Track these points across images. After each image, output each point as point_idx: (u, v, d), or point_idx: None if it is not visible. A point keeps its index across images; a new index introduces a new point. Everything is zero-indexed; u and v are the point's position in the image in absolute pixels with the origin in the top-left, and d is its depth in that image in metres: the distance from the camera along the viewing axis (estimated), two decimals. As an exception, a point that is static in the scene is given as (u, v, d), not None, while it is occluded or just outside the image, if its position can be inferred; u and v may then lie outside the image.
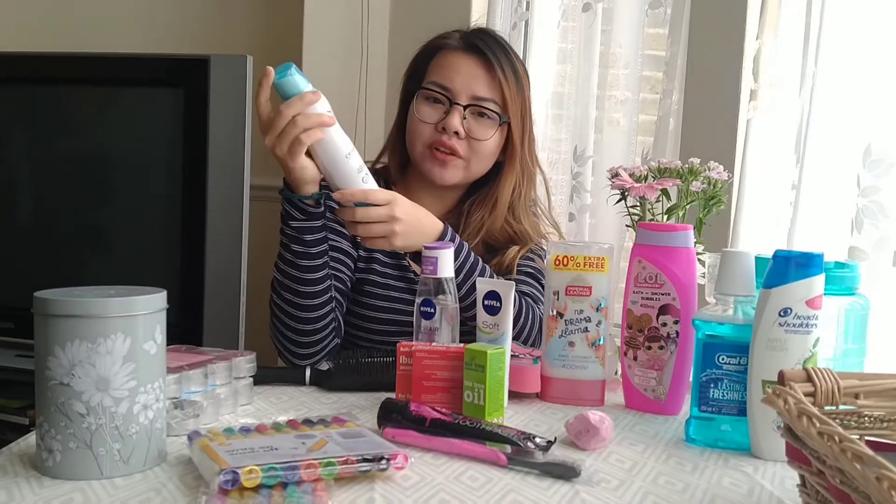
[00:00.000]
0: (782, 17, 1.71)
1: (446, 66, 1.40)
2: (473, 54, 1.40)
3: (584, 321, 1.11)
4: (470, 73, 1.39)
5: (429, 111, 1.39)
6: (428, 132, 1.39)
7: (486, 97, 1.39)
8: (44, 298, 0.78)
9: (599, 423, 0.92)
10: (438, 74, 1.40)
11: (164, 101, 1.86)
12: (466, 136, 1.38)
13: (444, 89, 1.39)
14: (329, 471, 0.77)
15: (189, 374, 0.96)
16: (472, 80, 1.39)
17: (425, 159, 1.40)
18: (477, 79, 1.39)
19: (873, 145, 1.51)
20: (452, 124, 1.37)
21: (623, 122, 1.92)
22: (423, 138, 1.39)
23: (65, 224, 1.97)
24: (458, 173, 1.40)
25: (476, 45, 1.41)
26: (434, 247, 1.09)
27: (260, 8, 2.45)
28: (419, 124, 1.39)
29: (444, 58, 1.42)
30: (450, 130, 1.37)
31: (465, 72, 1.39)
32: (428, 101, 1.40)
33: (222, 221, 1.83)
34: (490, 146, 1.41)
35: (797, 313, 0.89)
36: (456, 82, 1.38)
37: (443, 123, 1.38)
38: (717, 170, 1.28)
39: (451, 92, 1.38)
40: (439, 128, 1.38)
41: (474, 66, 1.40)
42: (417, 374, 1.02)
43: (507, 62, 1.41)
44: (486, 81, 1.39)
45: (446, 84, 1.39)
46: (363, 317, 1.41)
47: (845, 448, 0.56)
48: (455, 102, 1.38)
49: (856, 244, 1.52)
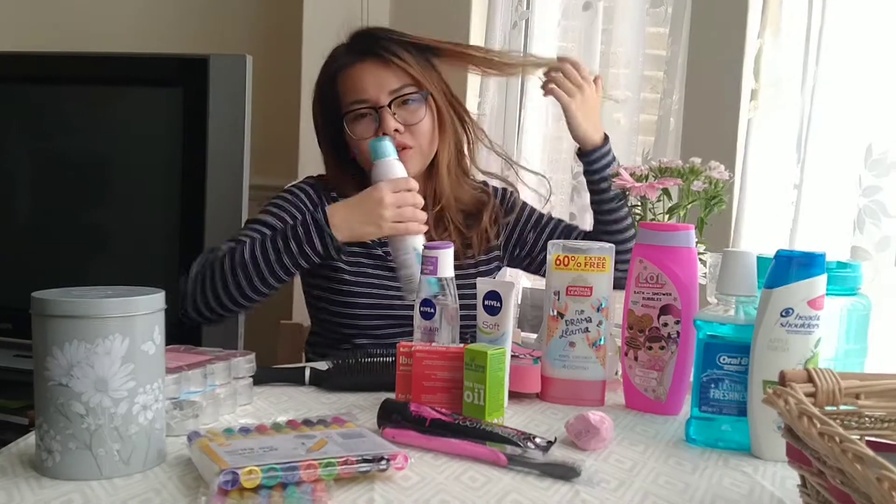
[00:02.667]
0: (783, 16, 1.71)
1: (351, 82, 1.44)
2: (366, 58, 1.44)
3: (584, 321, 1.11)
4: (374, 75, 1.43)
5: (363, 128, 1.43)
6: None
7: (400, 86, 1.43)
8: (42, 299, 0.78)
9: (599, 424, 0.91)
10: (351, 93, 1.44)
11: (163, 100, 1.86)
12: (405, 127, 1.42)
13: (363, 102, 1.43)
14: (329, 471, 0.76)
15: (188, 374, 0.96)
16: (380, 80, 1.43)
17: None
18: (383, 76, 1.43)
19: (874, 145, 1.51)
20: (388, 126, 1.41)
21: (623, 121, 1.92)
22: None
23: (64, 224, 1.97)
24: (417, 161, 1.45)
25: (363, 50, 1.45)
26: (434, 247, 1.09)
27: (260, 8, 2.45)
28: (361, 143, 1.43)
29: (345, 77, 1.45)
30: (390, 131, 1.41)
31: (371, 78, 1.43)
32: (357, 120, 1.44)
33: (222, 221, 1.83)
34: (426, 125, 1.45)
35: (799, 313, 0.89)
36: (369, 91, 1.42)
37: (381, 129, 1.42)
38: (718, 169, 1.28)
39: (370, 100, 1.42)
40: (380, 135, 1.41)
41: (374, 68, 1.43)
42: (417, 374, 1.02)
43: (397, 46, 1.45)
44: (391, 74, 1.43)
45: (362, 97, 1.43)
46: (347, 315, 1.43)
47: (846, 448, 0.56)
48: (379, 107, 1.42)
49: (857, 244, 1.52)
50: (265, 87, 2.17)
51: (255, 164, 1.92)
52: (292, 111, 2.25)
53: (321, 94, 1.50)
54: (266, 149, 2.25)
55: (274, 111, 2.34)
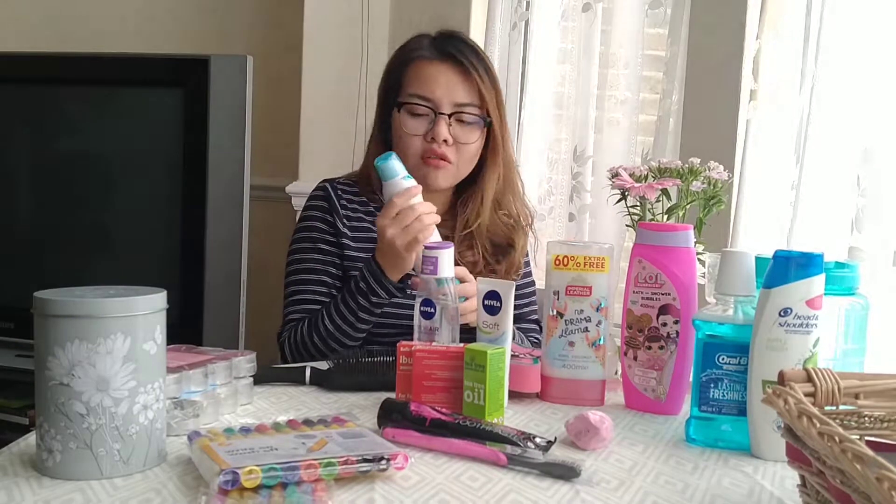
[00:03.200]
0: (782, 17, 1.71)
1: (424, 77, 1.42)
2: (448, 61, 1.42)
3: (584, 321, 1.11)
4: (448, 81, 1.41)
5: (415, 124, 1.41)
6: (418, 143, 1.41)
7: (467, 102, 1.41)
8: (44, 298, 0.78)
9: (599, 423, 0.92)
10: (418, 86, 1.42)
11: (164, 101, 1.86)
12: (454, 142, 1.41)
13: (426, 100, 1.41)
14: (329, 471, 0.77)
15: (189, 373, 0.96)
16: (451, 88, 1.41)
17: (419, 167, 1.41)
18: (456, 86, 1.41)
19: (873, 145, 1.51)
20: (441, 133, 1.39)
21: (623, 122, 1.92)
22: (414, 149, 1.41)
23: (65, 224, 1.97)
24: (449, 177, 1.43)
25: (449, 52, 1.43)
26: (434, 247, 1.09)
27: (260, 8, 2.45)
28: (408, 137, 1.41)
29: (420, 69, 1.43)
30: (439, 139, 1.39)
31: (443, 81, 1.41)
32: (412, 114, 1.42)
33: (222, 221, 1.84)
34: (474, 148, 1.44)
35: (797, 313, 0.89)
36: (437, 93, 1.40)
37: (431, 133, 1.40)
38: (717, 170, 1.28)
39: (434, 102, 1.40)
40: (428, 138, 1.40)
41: (451, 74, 1.42)
42: (417, 373, 1.02)
43: (480, 63, 1.44)
44: (464, 87, 1.42)
45: (428, 95, 1.41)
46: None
47: (845, 448, 0.56)
48: (439, 112, 1.40)
49: (855, 244, 1.52)
50: (265, 87, 2.17)
51: (255, 164, 1.92)
52: (292, 111, 2.25)
53: (388, 78, 1.48)
54: (266, 149, 2.25)
55: (274, 111, 2.34)
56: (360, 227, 1.47)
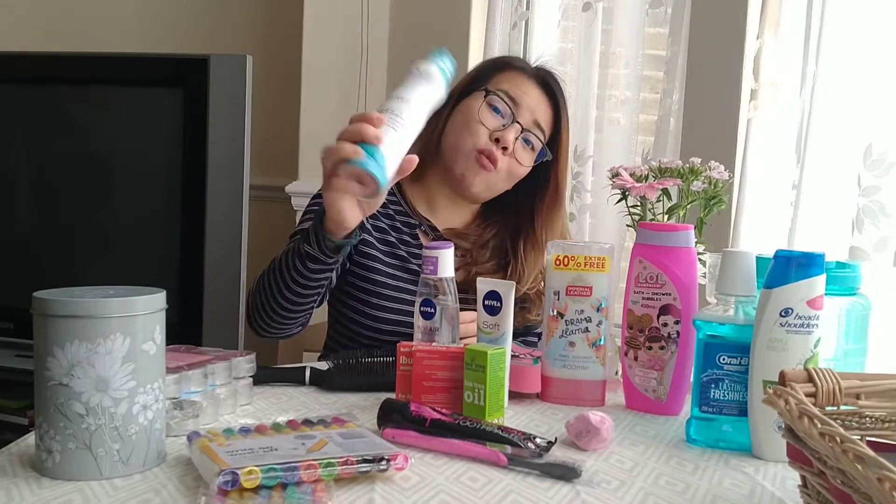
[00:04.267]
0: (783, 16, 1.71)
1: (518, 84, 1.41)
2: (543, 87, 1.42)
3: (584, 321, 1.11)
4: (537, 101, 1.41)
5: (490, 117, 1.39)
6: (483, 136, 1.38)
7: (540, 127, 1.41)
8: (43, 299, 0.78)
9: (600, 424, 0.91)
10: (509, 87, 1.41)
11: (164, 101, 1.86)
12: (511, 153, 1.39)
13: (512, 102, 1.39)
14: (329, 471, 0.76)
15: (189, 374, 0.96)
16: (535, 106, 1.41)
17: (469, 159, 1.38)
18: (541, 110, 1.41)
19: (874, 145, 1.51)
20: (508, 139, 1.37)
21: (623, 121, 1.92)
22: (476, 140, 1.38)
23: (65, 224, 1.97)
24: (485, 184, 1.40)
25: (547, 82, 1.43)
26: (434, 247, 1.09)
27: (260, 8, 2.45)
28: (477, 125, 1.38)
29: (515, 76, 1.43)
30: (503, 142, 1.37)
31: (533, 97, 1.41)
32: (491, 108, 1.40)
33: (222, 221, 1.84)
34: (521, 173, 1.42)
35: (798, 313, 0.89)
36: (524, 102, 1.40)
37: (498, 134, 1.38)
38: (717, 169, 1.28)
39: (518, 108, 1.39)
40: (493, 137, 1.38)
41: (542, 98, 1.42)
42: (417, 374, 1.02)
43: (565, 107, 1.44)
44: (547, 116, 1.42)
45: (516, 99, 1.40)
46: (373, 317, 1.38)
47: (846, 449, 0.56)
48: (517, 120, 1.39)
49: (856, 244, 1.52)
50: (265, 87, 2.17)
51: (255, 164, 1.92)
52: (292, 111, 2.25)
53: (477, 73, 1.46)
54: (266, 149, 2.25)
55: (274, 111, 2.34)
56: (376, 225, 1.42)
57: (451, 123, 1.42)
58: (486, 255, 1.45)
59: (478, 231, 1.47)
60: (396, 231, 1.43)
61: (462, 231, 1.46)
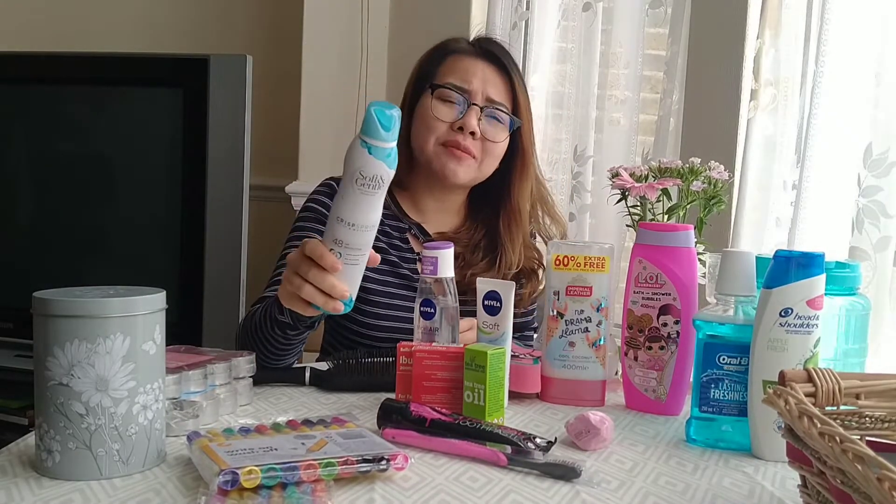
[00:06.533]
0: (783, 16, 1.71)
1: (461, 68, 1.41)
2: (487, 59, 1.42)
3: (584, 321, 1.11)
4: (485, 77, 1.40)
5: (445, 110, 1.39)
6: (443, 129, 1.38)
7: (500, 101, 1.40)
8: (43, 298, 0.78)
9: (600, 424, 0.91)
10: (454, 76, 1.40)
11: (163, 100, 1.86)
12: (481, 137, 1.39)
13: (460, 90, 1.39)
14: (329, 471, 0.76)
15: (188, 374, 0.96)
16: (487, 84, 1.40)
17: (440, 155, 1.38)
18: (492, 83, 1.40)
19: (874, 145, 1.51)
20: (470, 123, 1.37)
21: (623, 121, 1.92)
22: (438, 135, 1.38)
23: (65, 224, 1.97)
24: (470, 172, 1.40)
25: (490, 51, 1.42)
26: (434, 247, 1.09)
27: (260, 8, 2.45)
28: (434, 121, 1.39)
29: (457, 61, 1.42)
30: (467, 129, 1.37)
31: (480, 75, 1.40)
32: (443, 101, 1.40)
33: (222, 221, 1.84)
34: (500, 148, 1.42)
35: (798, 313, 0.89)
36: (473, 84, 1.39)
37: (459, 123, 1.37)
38: (717, 169, 1.28)
39: (469, 93, 1.39)
40: (455, 127, 1.38)
41: (489, 71, 1.41)
42: (417, 374, 1.02)
43: (515, 68, 1.44)
44: (500, 86, 1.41)
45: (463, 85, 1.39)
46: (366, 325, 1.38)
47: (846, 448, 0.56)
48: (472, 103, 1.38)
49: (856, 244, 1.52)
50: (265, 87, 2.17)
51: (255, 164, 1.92)
52: (292, 111, 2.25)
53: (421, 69, 1.45)
54: (266, 149, 2.25)
55: (274, 111, 2.34)
56: None
57: (414, 129, 1.43)
58: (478, 257, 1.44)
59: (468, 234, 1.46)
60: (386, 235, 1.42)
61: (452, 235, 1.45)
